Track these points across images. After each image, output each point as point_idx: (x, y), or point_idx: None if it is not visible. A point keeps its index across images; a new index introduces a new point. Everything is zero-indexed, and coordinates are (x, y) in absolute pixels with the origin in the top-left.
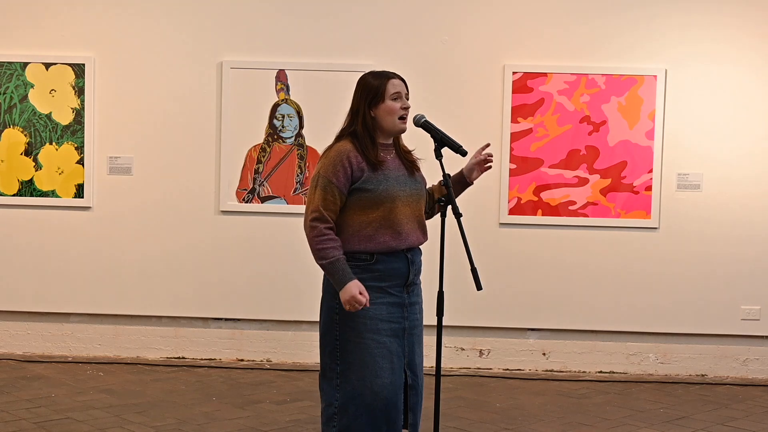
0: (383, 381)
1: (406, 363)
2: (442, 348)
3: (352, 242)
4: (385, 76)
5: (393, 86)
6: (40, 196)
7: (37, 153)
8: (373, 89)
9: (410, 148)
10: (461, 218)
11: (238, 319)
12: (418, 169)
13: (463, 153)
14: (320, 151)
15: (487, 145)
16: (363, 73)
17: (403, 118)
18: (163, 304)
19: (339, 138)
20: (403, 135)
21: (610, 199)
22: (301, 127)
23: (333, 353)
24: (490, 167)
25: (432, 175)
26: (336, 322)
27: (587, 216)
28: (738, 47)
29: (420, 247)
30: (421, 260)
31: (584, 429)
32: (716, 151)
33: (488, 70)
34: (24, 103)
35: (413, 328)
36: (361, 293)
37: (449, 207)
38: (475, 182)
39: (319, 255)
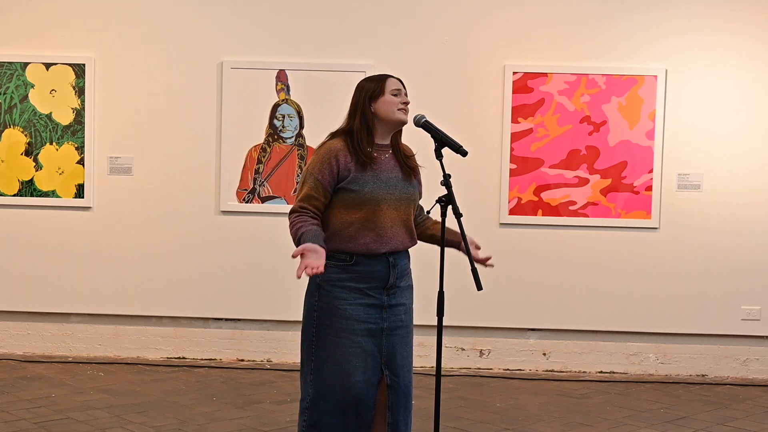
0: (355, 379)
1: (384, 363)
2: (442, 348)
3: (334, 241)
4: (384, 76)
5: (392, 83)
6: (40, 196)
7: (38, 153)
8: (373, 85)
9: (413, 152)
10: (461, 218)
11: (238, 319)
12: (417, 174)
13: (464, 153)
14: (317, 146)
15: (488, 258)
16: (362, 77)
17: (402, 110)
18: (163, 304)
19: (333, 135)
20: (404, 138)
21: (611, 199)
22: (302, 127)
23: (309, 349)
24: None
25: (432, 176)
26: (314, 319)
27: (587, 216)
28: (738, 47)
29: (408, 250)
30: (406, 264)
31: (584, 429)
32: (716, 151)
33: (488, 70)
34: (24, 103)
35: (394, 329)
36: (309, 253)
37: (449, 207)
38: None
39: (293, 238)
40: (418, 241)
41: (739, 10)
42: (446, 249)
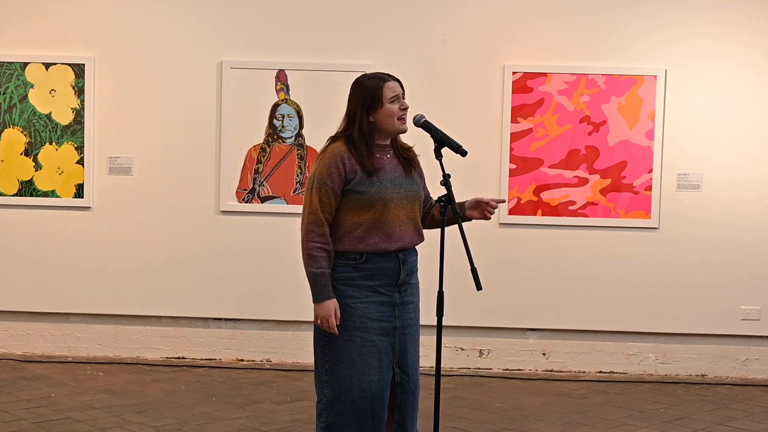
0: (371, 378)
1: (395, 361)
2: (442, 348)
3: (344, 242)
4: (380, 79)
5: (389, 89)
6: (40, 196)
7: (37, 153)
8: (369, 94)
9: (410, 144)
10: (461, 218)
11: (238, 319)
12: (417, 166)
13: (463, 153)
14: (320, 151)
15: (502, 201)
16: (357, 76)
17: (402, 119)
18: (163, 304)
19: (334, 139)
20: (403, 138)
21: (610, 199)
22: (301, 127)
23: (323, 350)
24: (488, 218)
25: (432, 176)
26: None
27: (587, 216)
28: (738, 47)
29: (416, 247)
30: (415, 260)
31: (584, 429)
32: (716, 151)
33: (488, 70)
34: (24, 103)
35: (405, 328)
36: (336, 315)
37: (449, 207)
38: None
39: (308, 261)
40: (424, 236)
41: (739, 11)
42: (445, 250)
